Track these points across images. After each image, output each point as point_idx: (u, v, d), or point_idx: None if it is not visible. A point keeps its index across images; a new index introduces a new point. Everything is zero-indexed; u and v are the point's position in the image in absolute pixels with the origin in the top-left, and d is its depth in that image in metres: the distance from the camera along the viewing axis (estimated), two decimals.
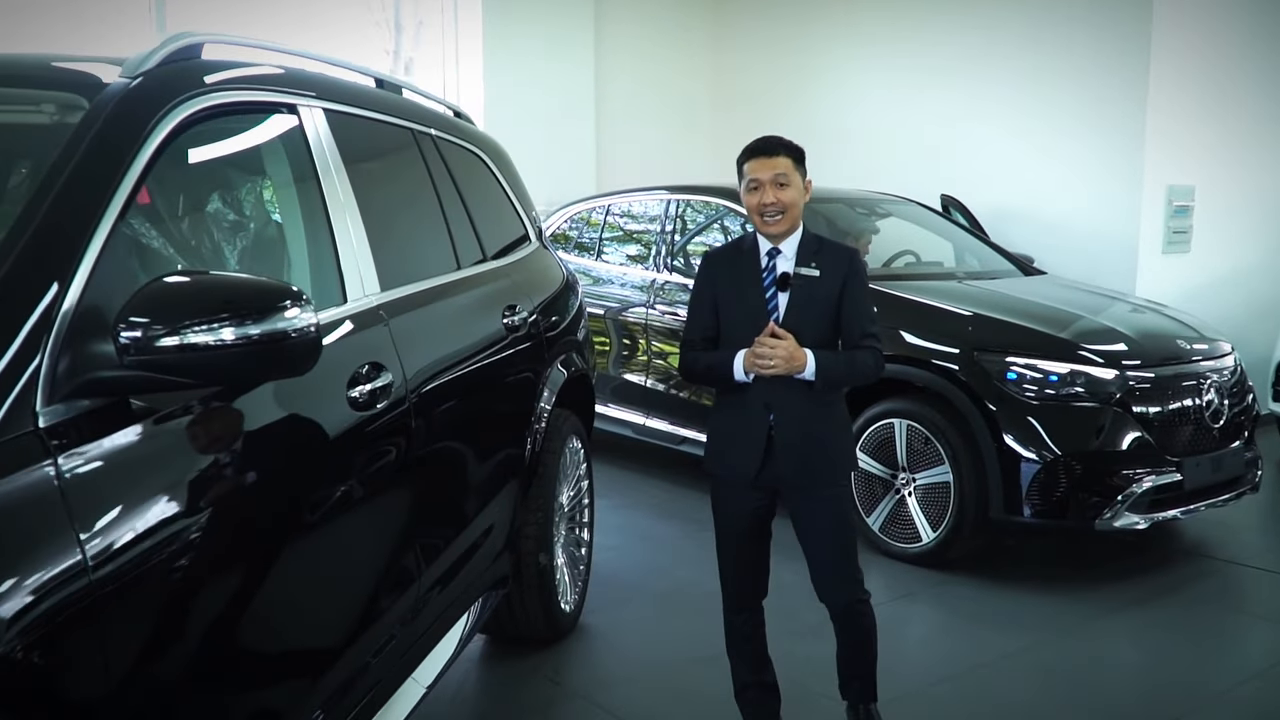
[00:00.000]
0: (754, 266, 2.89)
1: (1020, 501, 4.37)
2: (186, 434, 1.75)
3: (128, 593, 1.51)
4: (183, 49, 2.13)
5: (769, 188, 2.80)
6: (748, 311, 2.86)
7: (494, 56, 7.86)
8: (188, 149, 2.16)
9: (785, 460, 2.84)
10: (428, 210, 3.19)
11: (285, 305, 1.69)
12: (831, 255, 2.88)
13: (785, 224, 2.82)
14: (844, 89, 8.32)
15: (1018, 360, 4.50)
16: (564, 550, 3.86)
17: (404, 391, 2.46)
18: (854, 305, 2.85)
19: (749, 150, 2.88)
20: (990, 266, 5.93)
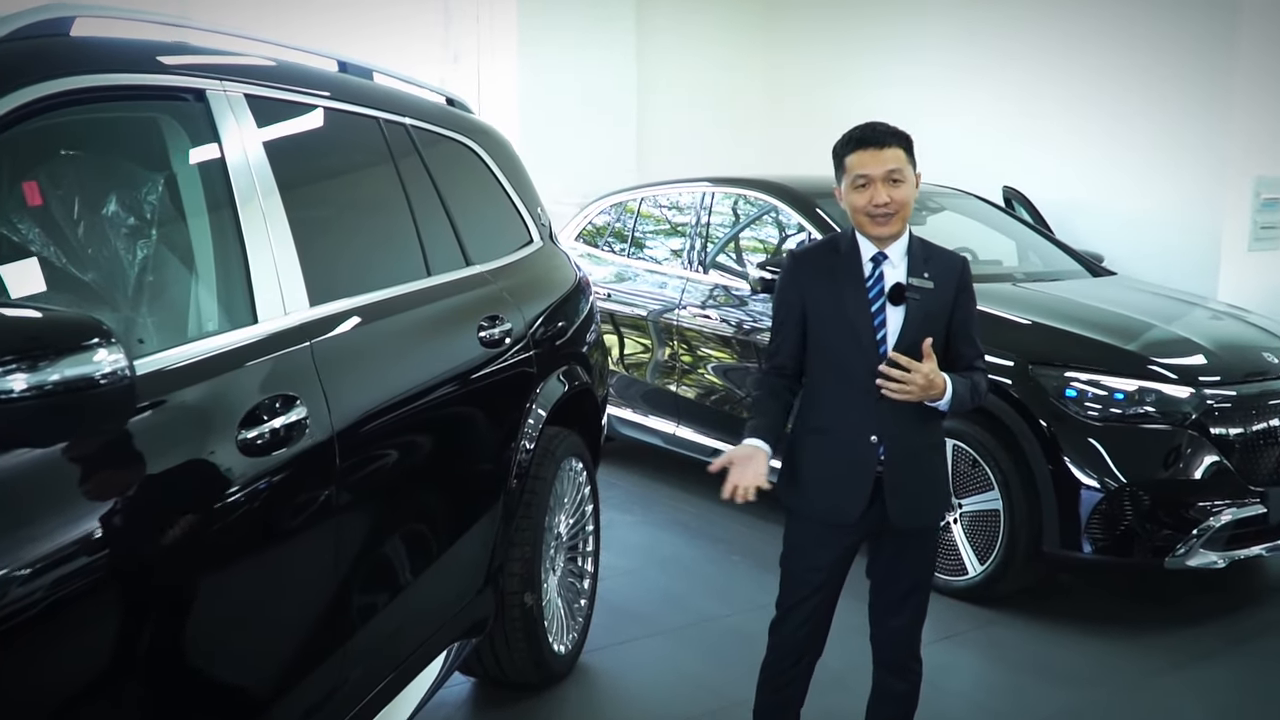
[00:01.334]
0: (855, 273, 2.48)
1: (1079, 534, 3.90)
2: None
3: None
4: (40, 24, 1.78)
5: (881, 185, 2.39)
6: (849, 328, 2.47)
7: (529, 45, 7.50)
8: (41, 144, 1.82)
9: (895, 501, 2.48)
10: (391, 211, 2.82)
11: (91, 344, 1.33)
12: (941, 263, 2.51)
13: (898, 225, 2.44)
14: (902, 78, 7.81)
15: (1078, 375, 4.02)
16: (560, 585, 3.49)
17: (325, 426, 2.09)
18: (966, 323, 2.52)
19: (852, 140, 2.45)
20: (1053, 266, 5.42)
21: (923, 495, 2.53)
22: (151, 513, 1.66)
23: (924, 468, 2.53)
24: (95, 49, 1.89)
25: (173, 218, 2.10)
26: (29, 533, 1.44)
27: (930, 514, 2.58)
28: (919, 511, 2.54)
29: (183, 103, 2.08)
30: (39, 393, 1.28)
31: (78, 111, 1.90)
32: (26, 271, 1.93)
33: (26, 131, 1.78)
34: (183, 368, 1.81)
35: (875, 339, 2.46)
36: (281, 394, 1.99)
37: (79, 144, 2.11)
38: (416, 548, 2.55)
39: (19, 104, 1.69)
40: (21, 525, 1.43)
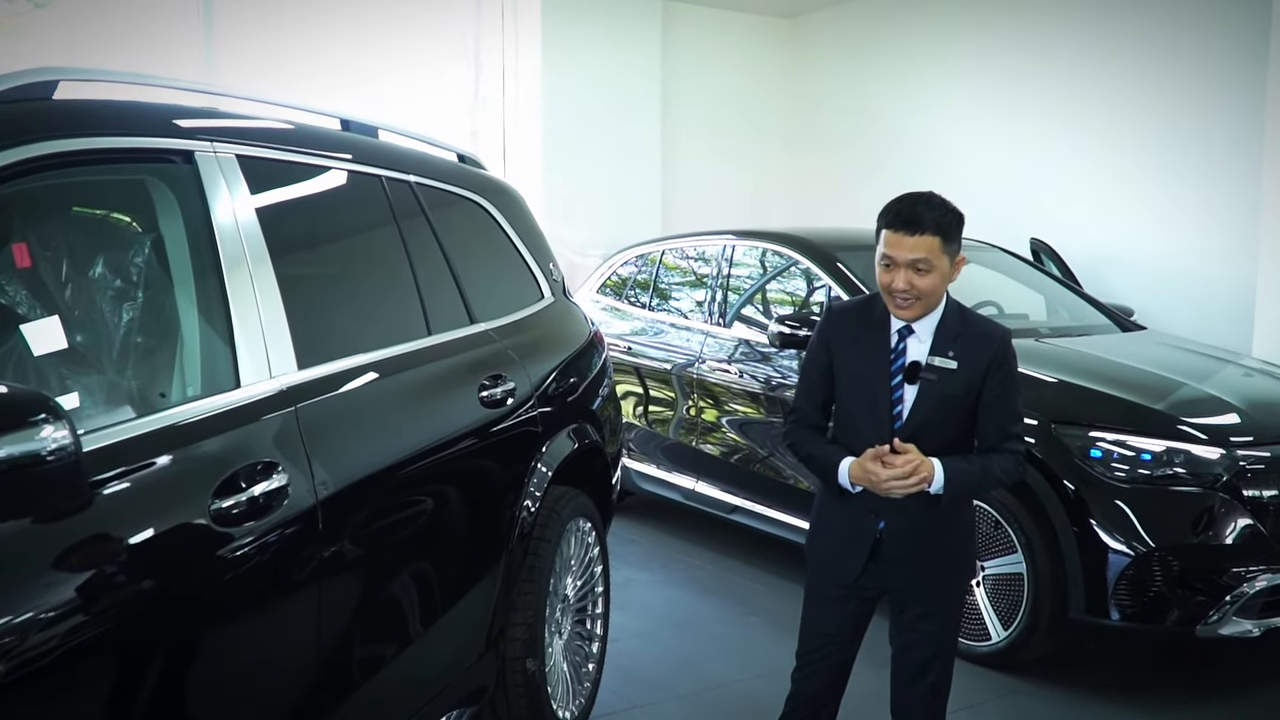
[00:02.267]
0: (881, 343, 2.46)
1: (1106, 600, 3.75)
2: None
3: None
4: (23, 89, 1.77)
5: (903, 271, 2.35)
6: (867, 398, 2.47)
7: (553, 99, 7.53)
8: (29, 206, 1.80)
9: (893, 569, 2.49)
10: (390, 270, 2.79)
11: (36, 420, 1.28)
12: (975, 340, 2.44)
13: (919, 311, 2.41)
14: (928, 125, 7.76)
15: (1104, 435, 3.89)
16: (566, 649, 3.40)
17: (307, 492, 2.04)
18: (996, 402, 2.44)
19: (890, 215, 2.40)
20: (1081, 321, 5.30)
21: (926, 565, 2.49)
22: (114, 587, 1.61)
23: (931, 539, 2.48)
24: (79, 112, 1.88)
25: (158, 280, 2.07)
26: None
27: (938, 586, 2.52)
28: (924, 585, 2.51)
29: (170, 165, 2.06)
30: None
31: (64, 174, 1.88)
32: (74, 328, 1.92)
33: (11, 194, 1.77)
34: (154, 434, 1.77)
35: (890, 414, 2.43)
36: (260, 461, 1.94)
37: (66, 207, 2.10)
38: (408, 615, 2.48)
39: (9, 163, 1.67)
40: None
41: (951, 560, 2.55)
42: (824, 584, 2.60)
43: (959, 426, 2.45)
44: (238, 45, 6.67)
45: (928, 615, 2.52)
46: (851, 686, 2.67)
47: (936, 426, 2.42)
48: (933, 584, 2.51)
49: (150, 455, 1.75)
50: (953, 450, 2.44)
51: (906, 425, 2.42)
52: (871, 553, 2.48)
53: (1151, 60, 6.42)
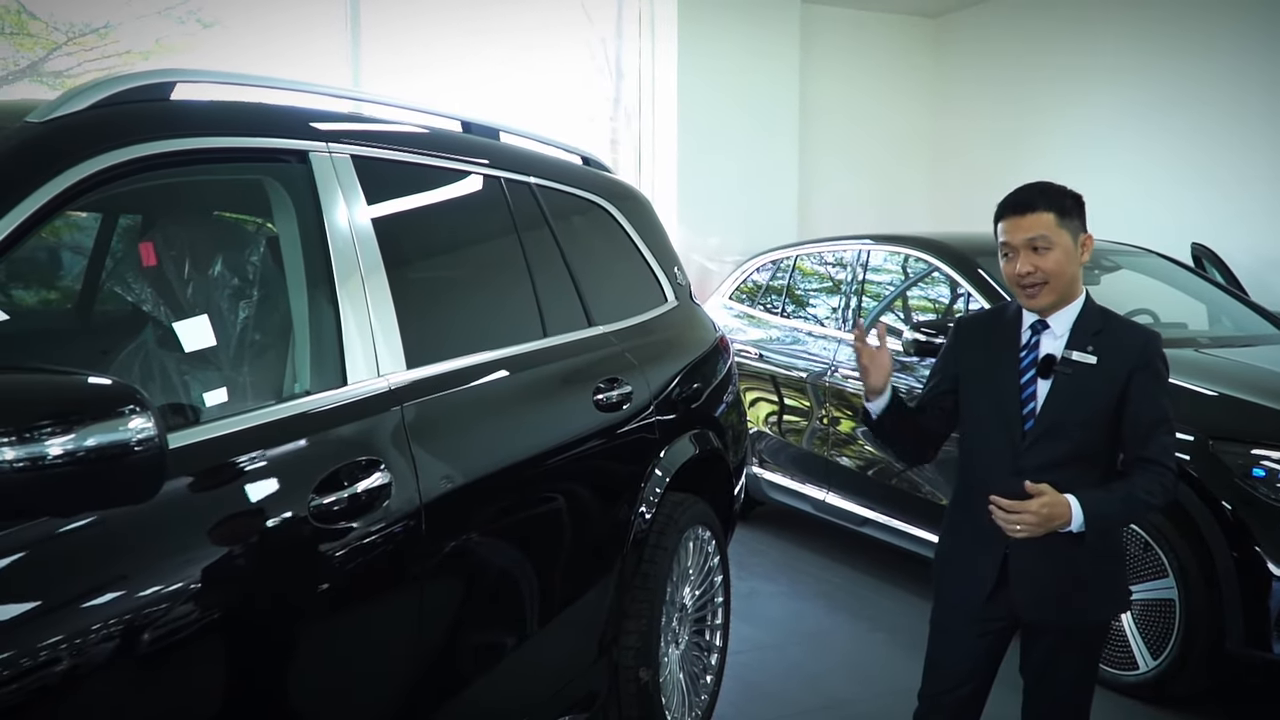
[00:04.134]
0: (1012, 342, 2.34)
1: (1268, 632, 3.46)
2: None
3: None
4: (141, 89, 1.82)
5: (1023, 253, 2.25)
6: (996, 396, 2.33)
7: (689, 104, 7.49)
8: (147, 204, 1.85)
9: (1021, 592, 2.30)
10: (506, 271, 2.78)
11: (124, 411, 1.30)
12: (1118, 337, 2.29)
13: (1050, 297, 2.26)
14: (1078, 127, 7.40)
15: (1269, 453, 3.60)
16: (683, 659, 3.33)
17: (411, 492, 2.03)
18: (1142, 407, 2.24)
19: (1001, 206, 2.33)
20: (1245, 330, 4.95)
21: (1064, 589, 2.28)
22: (212, 581, 1.62)
23: (1068, 560, 2.26)
24: (194, 112, 1.92)
25: (273, 279, 2.11)
26: (76, 606, 1.42)
27: (1074, 613, 2.32)
28: (1055, 607, 2.30)
29: (285, 165, 2.09)
30: (70, 459, 1.26)
31: (182, 174, 1.93)
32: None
33: (131, 192, 1.81)
34: (260, 429, 1.79)
35: (1021, 412, 2.29)
36: (363, 459, 1.94)
37: (190, 206, 2.16)
38: (515, 619, 2.46)
39: (118, 162, 1.71)
40: (69, 599, 1.41)
41: (1090, 586, 2.31)
42: (949, 614, 2.44)
43: (1096, 434, 2.26)
44: (383, 56, 6.89)
45: (1062, 646, 2.34)
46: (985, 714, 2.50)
47: (1071, 429, 2.24)
48: (1066, 611, 2.30)
49: (255, 449, 1.76)
50: (1087, 460, 2.26)
51: (1039, 424, 2.26)
52: (1000, 573, 2.30)
53: None
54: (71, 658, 1.39)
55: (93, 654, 1.41)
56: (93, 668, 1.42)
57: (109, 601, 1.45)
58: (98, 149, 1.66)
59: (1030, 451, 2.26)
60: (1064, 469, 2.24)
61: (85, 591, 1.42)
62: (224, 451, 1.71)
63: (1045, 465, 2.24)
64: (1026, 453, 2.26)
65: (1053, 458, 2.25)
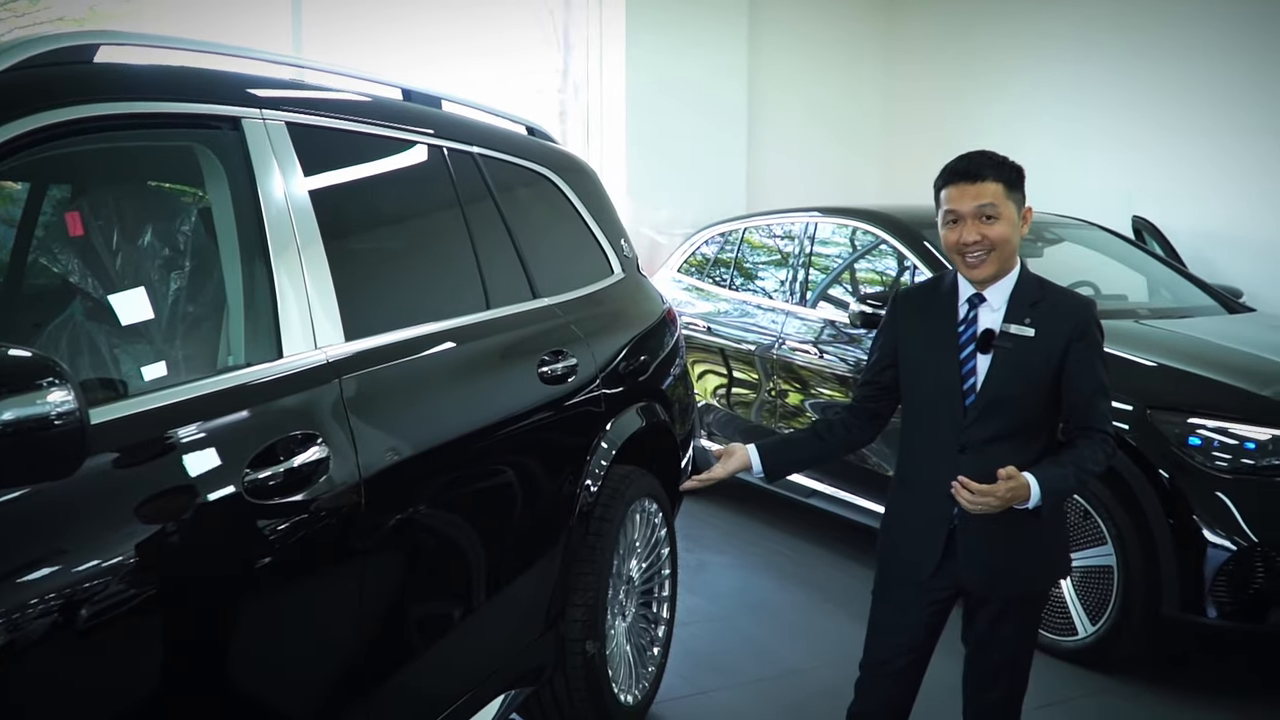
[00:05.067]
0: (949, 316, 2.32)
1: (1202, 597, 3.54)
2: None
3: None
4: (62, 51, 1.75)
5: (970, 223, 2.22)
6: (935, 373, 2.32)
7: (637, 75, 7.42)
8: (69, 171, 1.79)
9: (969, 564, 2.31)
10: (448, 242, 2.74)
11: (42, 384, 1.25)
12: (1055, 308, 2.28)
13: (993, 267, 2.25)
14: (1025, 103, 7.44)
15: (1204, 422, 3.67)
16: (630, 632, 3.33)
17: (350, 466, 2.00)
18: (1081, 378, 2.25)
19: (946, 172, 2.29)
20: (1184, 302, 5.03)
21: (1010, 561, 2.30)
22: (140, 557, 1.58)
23: (1014, 531, 2.26)
24: (119, 76, 1.86)
25: (205, 249, 2.06)
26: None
27: (1020, 582, 2.34)
28: (1001, 581, 2.32)
29: (217, 131, 2.03)
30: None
31: (106, 140, 1.87)
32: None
33: (56, 159, 1.75)
34: (187, 403, 1.75)
35: (962, 388, 2.28)
36: (298, 433, 1.90)
37: (117, 173, 2.09)
38: (460, 595, 2.44)
39: (37, 127, 1.65)
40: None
41: (1036, 556, 2.34)
42: (893, 585, 2.44)
43: (1037, 405, 2.26)
44: (325, 25, 6.74)
45: (1005, 615, 2.35)
46: (926, 681, 2.51)
47: (1013, 402, 2.24)
48: (1013, 582, 2.33)
49: (186, 423, 1.72)
50: (1028, 432, 2.27)
51: (980, 399, 2.25)
52: (946, 547, 2.31)
53: (1263, 24, 6.04)
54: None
55: (13, 637, 1.37)
56: (15, 652, 1.38)
57: (33, 581, 1.41)
58: (14, 113, 1.59)
59: (973, 426, 2.26)
60: (1007, 441, 2.25)
61: (7, 572, 1.38)
62: (154, 425, 1.67)
63: (988, 439, 2.25)
64: (969, 428, 2.26)
65: (996, 431, 2.25)
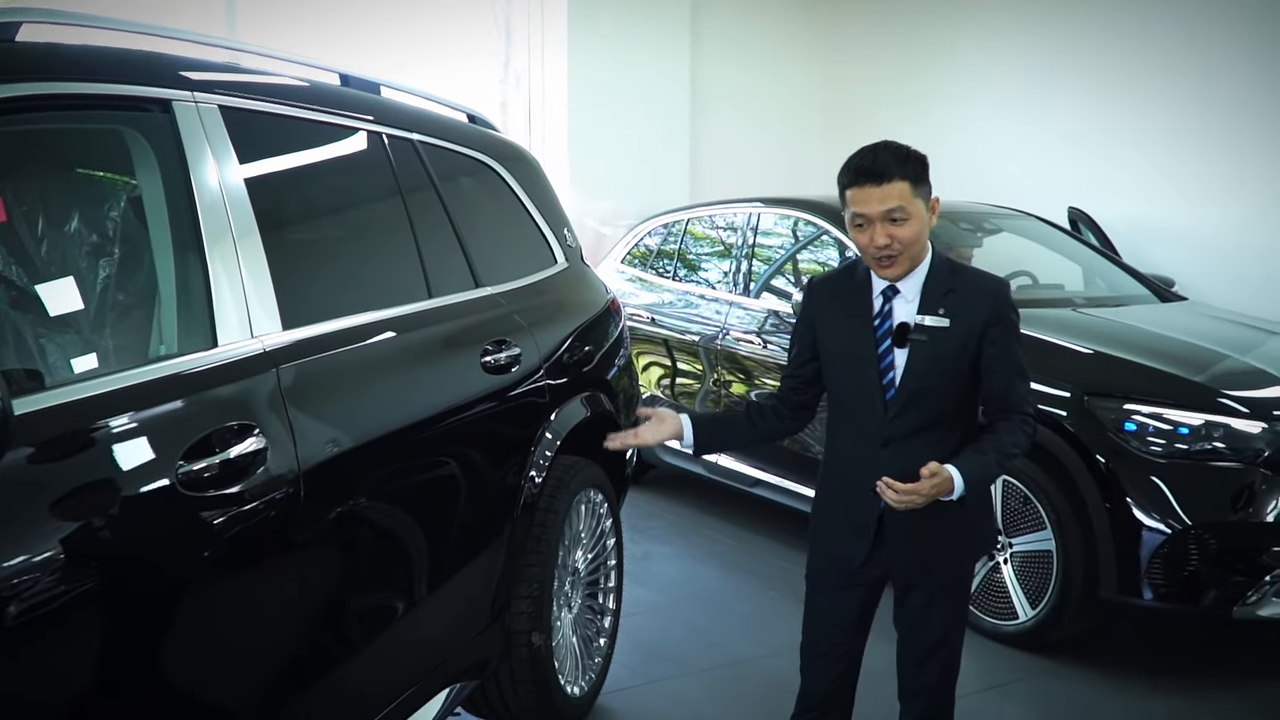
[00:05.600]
0: (864, 308, 2.27)
1: (1138, 579, 3.61)
2: None
3: None
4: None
5: (879, 225, 2.15)
6: (853, 367, 2.28)
7: (580, 68, 7.37)
8: None
9: (896, 553, 2.31)
10: (389, 230, 2.70)
11: None
12: (969, 294, 2.23)
13: (905, 266, 2.20)
14: (963, 92, 7.52)
15: (1140, 408, 3.73)
16: (576, 623, 3.31)
17: (289, 457, 1.95)
18: (998, 362, 2.22)
19: (850, 171, 2.19)
20: (1119, 291, 5.12)
21: (936, 548, 2.30)
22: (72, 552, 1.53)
23: (940, 521, 2.24)
24: (43, 55, 1.79)
25: (136, 235, 1.99)
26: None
27: (946, 571, 2.35)
28: (929, 567, 2.33)
29: (146, 114, 1.97)
30: None
31: (31, 121, 1.80)
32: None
33: None
34: (119, 392, 1.69)
35: (881, 383, 2.25)
36: (234, 424, 1.85)
37: (42, 157, 2.02)
38: (403, 588, 2.40)
39: None
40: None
41: (959, 538, 2.34)
42: (826, 572, 2.43)
43: (956, 394, 2.24)
44: (260, 14, 6.60)
45: (935, 597, 2.35)
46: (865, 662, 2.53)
47: (932, 394, 2.22)
48: (939, 564, 2.33)
49: (115, 414, 1.67)
50: (950, 422, 2.25)
51: (900, 393, 2.22)
52: (875, 535, 2.31)
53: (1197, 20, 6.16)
54: None
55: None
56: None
57: None
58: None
59: (894, 422, 2.24)
60: (929, 433, 2.24)
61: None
62: (81, 416, 1.61)
63: (911, 432, 2.23)
64: (890, 423, 2.24)
65: (918, 424, 2.23)
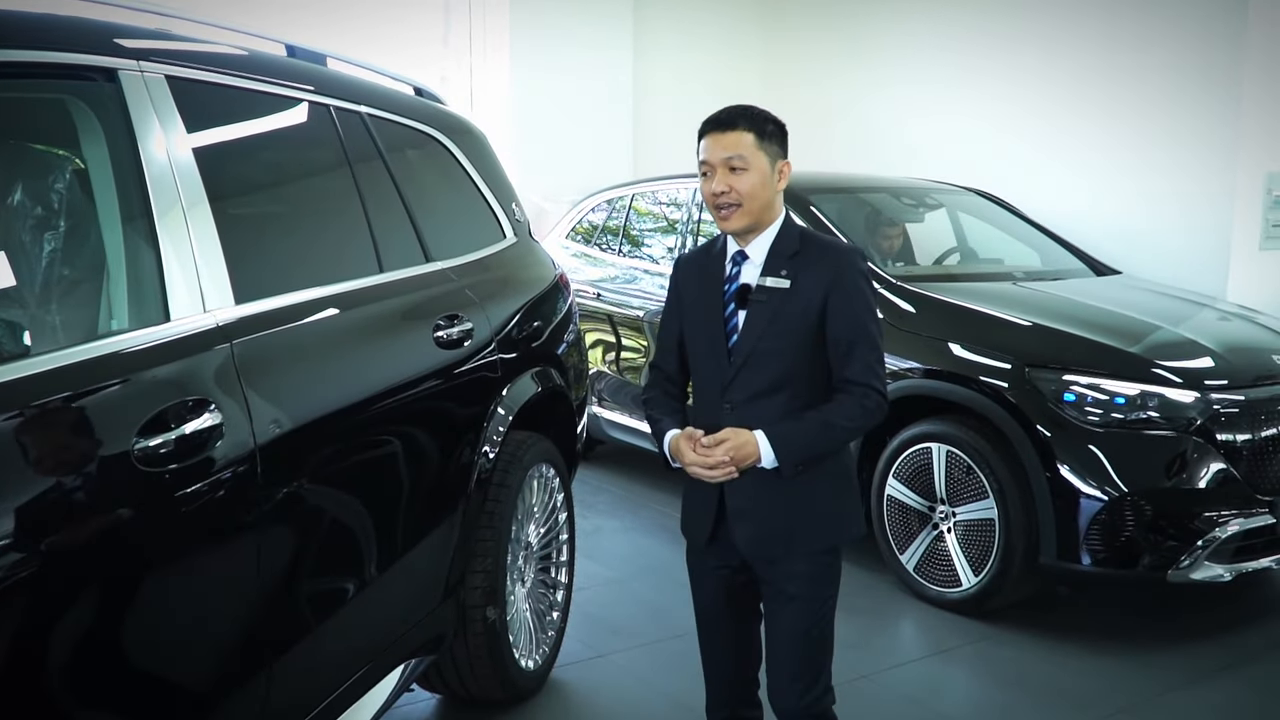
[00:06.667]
0: (716, 274, 2.30)
1: (1077, 545, 3.71)
2: None
3: None
4: None
5: (720, 171, 2.18)
6: (704, 331, 2.30)
7: (523, 43, 7.31)
8: None
9: (740, 529, 2.24)
10: (339, 203, 2.66)
11: None
12: (813, 258, 2.21)
13: (744, 220, 2.20)
14: (900, 77, 7.56)
15: (1078, 379, 3.83)
16: (530, 597, 3.32)
17: (244, 432, 1.93)
18: (839, 326, 2.18)
19: (704, 123, 2.24)
20: (1056, 265, 5.23)
21: (785, 524, 2.21)
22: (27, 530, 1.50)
23: (783, 495, 2.20)
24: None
25: (82, 208, 1.95)
26: None
27: (798, 542, 2.22)
28: (776, 541, 2.22)
29: (91, 83, 1.92)
30: None
31: None
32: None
33: None
34: (71, 368, 1.66)
35: (727, 345, 2.23)
36: (190, 399, 1.82)
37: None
38: (356, 563, 2.38)
39: None
40: None
41: (809, 517, 2.23)
42: (690, 554, 2.41)
43: (802, 356, 2.19)
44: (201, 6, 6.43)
45: (790, 581, 2.22)
46: None
47: (770, 357, 2.18)
48: (789, 546, 2.22)
49: (69, 390, 1.63)
50: (793, 387, 2.20)
51: (737, 352, 2.20)
52: (718, 514, 2.25)
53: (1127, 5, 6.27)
54: None
55: None
56: None
57: None
58: None
59: (734, 382, 2.21)
60: (770, 398, 2.20)
61: None
62: (33, 392, 1.57)
63: (751, 396, 2.20)
64: (731, 384, 2.22)
65: (758, 388, 2.20)
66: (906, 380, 4.18)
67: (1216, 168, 5.89)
